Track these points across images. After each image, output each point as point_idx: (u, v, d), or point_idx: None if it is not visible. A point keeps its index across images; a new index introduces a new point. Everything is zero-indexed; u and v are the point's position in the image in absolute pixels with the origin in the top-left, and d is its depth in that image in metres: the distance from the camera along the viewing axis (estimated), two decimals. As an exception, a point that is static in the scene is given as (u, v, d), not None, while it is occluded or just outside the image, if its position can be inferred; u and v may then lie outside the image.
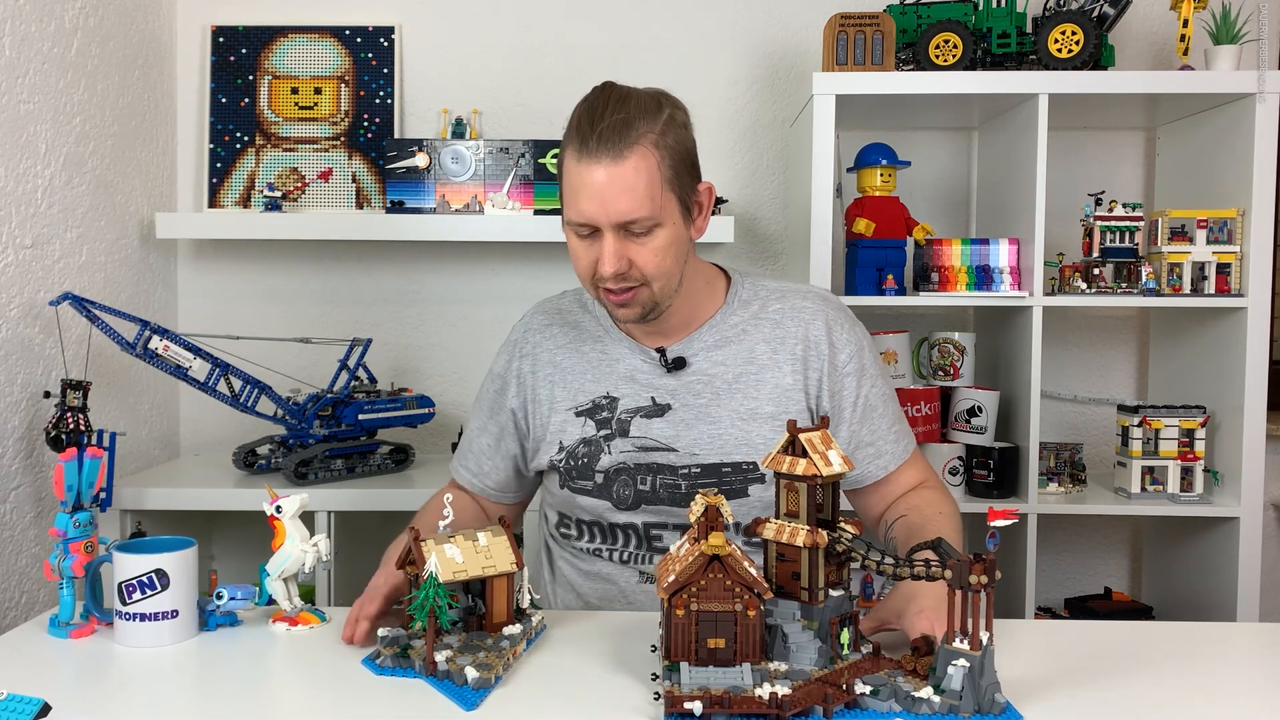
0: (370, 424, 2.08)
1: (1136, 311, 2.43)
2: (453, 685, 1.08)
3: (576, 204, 1.30)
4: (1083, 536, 2.46)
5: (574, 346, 1.49)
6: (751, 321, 1.46)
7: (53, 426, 1.75)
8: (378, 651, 1.16)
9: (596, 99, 1.33)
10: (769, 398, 1.42)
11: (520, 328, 1.55)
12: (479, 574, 1.17)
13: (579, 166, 1.29)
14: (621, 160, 1.27)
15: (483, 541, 1.20)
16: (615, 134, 1.28)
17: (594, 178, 1.28)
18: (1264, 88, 1.96)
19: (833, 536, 1.09)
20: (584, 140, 1.29)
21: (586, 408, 1.46)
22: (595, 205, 1.29)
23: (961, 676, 1.00)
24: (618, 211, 1.28)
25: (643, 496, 1.42)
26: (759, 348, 1.44)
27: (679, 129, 1.34)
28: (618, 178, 1.27)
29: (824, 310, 1.46)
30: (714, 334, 1.45)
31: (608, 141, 1.27)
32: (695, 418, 1.42)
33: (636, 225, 1.29)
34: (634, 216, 1.28)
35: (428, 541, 1.16)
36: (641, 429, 1.43)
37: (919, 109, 2.19)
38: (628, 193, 1.28)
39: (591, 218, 1.29)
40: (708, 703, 0.98)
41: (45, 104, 1.87)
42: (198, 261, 2.41)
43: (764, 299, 1.48)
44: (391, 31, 2.37)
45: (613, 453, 1.43)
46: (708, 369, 1.43)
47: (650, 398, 1.44)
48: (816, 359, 1.43)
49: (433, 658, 1.10)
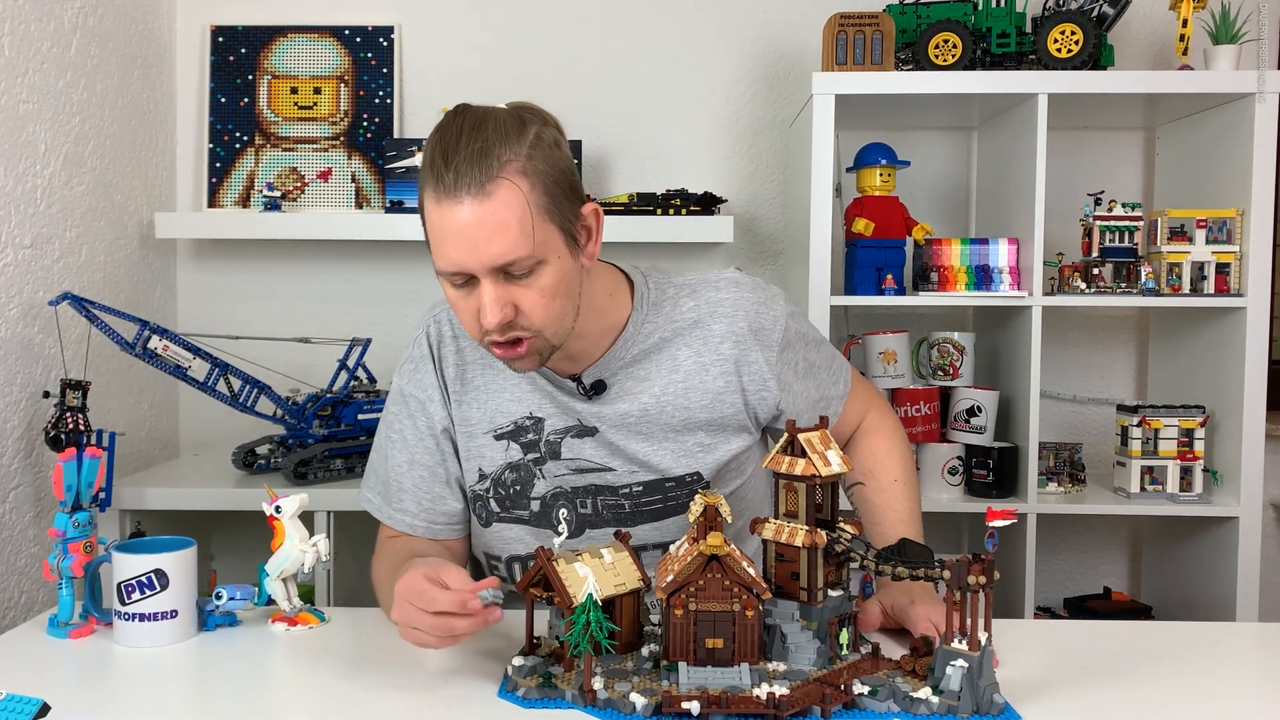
0: (370, 424, 2.08)
1: (1136, 311, 2.43)
2: (618, 714, 1.01)
3: (444, 251, 1.14)
4: (1082, 536, 2.46)
5: (485, 363, 1.35)
6: (668, 327, 1.33)
7: (52, 426, 1.75)
8: (514, 683, 1.07)
9: (449, 126, 1.15)
10: (701, 404, 1.32)
11: (424, 339, 1.38)
12: (612, 593, 1.10)
13: (439, 209, 1.12)
14: (487, 197, 1.10)
15: (608, 559, 1.12)
16: (474, 166, 1.10)
17: (458, 220, 1.11)
18: (1263, 87, 1.96)
19: (831, 537, 1.09)
20: (439, 177, 1.12)
21: (508, 430, 1.33)
22: (464, 251, 1.12)
23: (960, 677, 1.00)
24: (491, 255, 1.11)
25: (586, 521, 1.33)
26: (681, 354, 1.32)
27: (548, 149, 1.16)
28: (486, 216, 1.10)
29: (741, 298, 1.34)
30: (629, 349, 1.31)
31: (467, 176, 1.10)
32: (626, 437, 1.32)
33: (515, 267, 1.13)
34: (511, 258, 1.12)
35: (559, 561, 1.09)
36: (574, 450, 1.32)
37: (918, 109, 2.19)
38: (499, 233, 1.11)
39: (462, 265, 1.13)
40: (705, 703, 0.97)
41: (44, 104, 1.87)
42: (197, 261, 2.41)
43: (674, 298, 1.34)
44: (391, 31, 2.37)
45: (546, 477, 1.32)
46: (631, 388, 1.31)
47: (576, 419, 1.32)
48: (750, 354, 1.33)
49: (591, 686, 1.03)
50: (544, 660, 1.10)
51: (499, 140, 1.12)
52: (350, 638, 1.27)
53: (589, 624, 1.02)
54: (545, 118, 1.21)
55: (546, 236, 1.14)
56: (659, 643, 1.11)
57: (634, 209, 2.18)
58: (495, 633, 1.24)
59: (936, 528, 2.38)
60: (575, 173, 1.21)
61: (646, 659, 1.10)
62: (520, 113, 1.18)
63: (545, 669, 1.08)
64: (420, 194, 1.16)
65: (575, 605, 1.04)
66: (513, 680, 1.08)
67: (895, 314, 2.38)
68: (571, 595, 1.06)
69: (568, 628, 1.04)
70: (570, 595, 1.06)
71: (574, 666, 1.08)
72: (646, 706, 1.00)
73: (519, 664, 1.09)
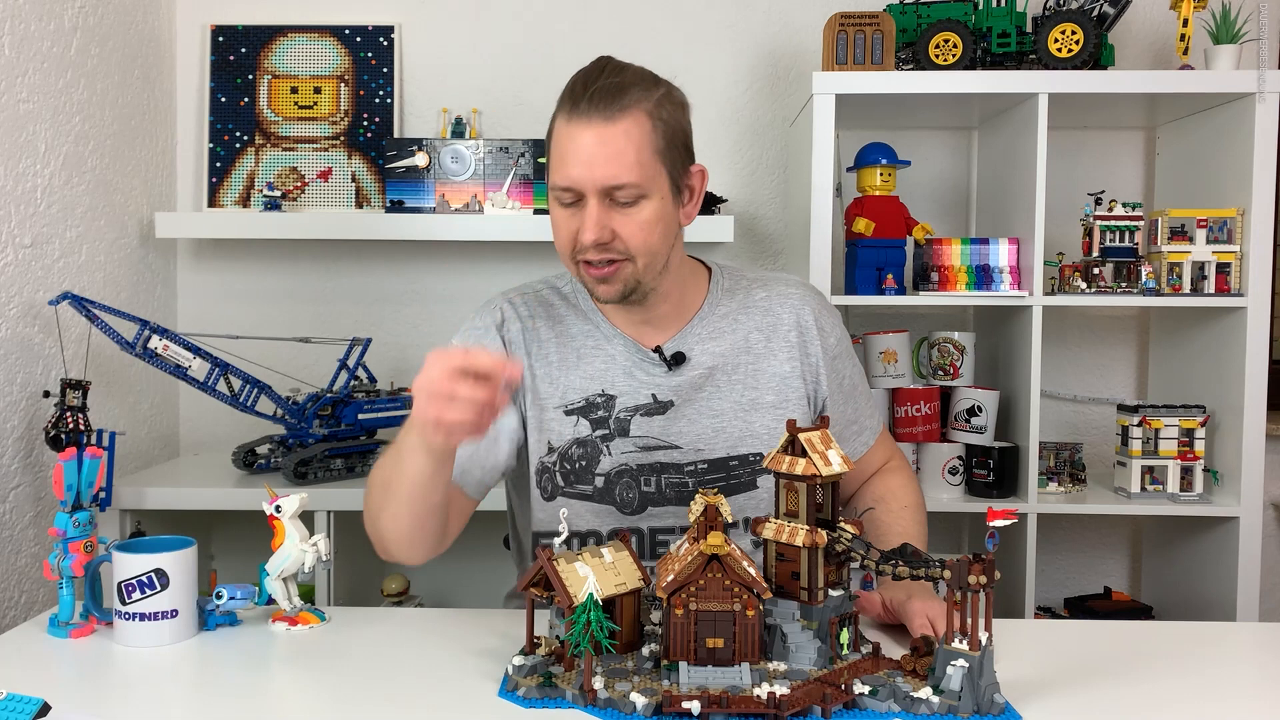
0: (370, 424, 2.08)
1: (1136, 311, 2.43)
2: (619, 714, 1.01)
3: (562, 167, 1.24)
4: (1082, 536, 2.46)
5: (560, 341, 1.39)
6: (740, 310, 1.42)
7: (52, 426, 1.75)
8: (515, 682, 1.07)
9: (593, 66, 1.27)
10: (769, 387, 1.39)
11: (492, 315, 1.40)
12: (613, 592, 1.10)
13: (567, 128, 1.23)
14: (612, 123, 1.21)
15: (608, 558, 1.13)
16: (608, 96, 1.21)
17: (582, 139, 1.22)
18: (1264, 87, 1.96)
19: (832, 536, 1.09)
20: (575, 101, 1.23)
21: (579, 406, 1.37)
22: (580, 168, 1.22)
23: (960, 677, 1.00)
24: (604, 175, 1.21)
25: (648, 498, 1.37)
26: (753, 336, 1.41)
27: (675, 106, 1.28)
28: (607, 140, 1.21)
29: (808, 296, 1.45)
30: (705, 326, 1.40)
31: (599, 103, 1.21)
32: (698, 413, 1.38)
33: (622, 193, 1.23)
34: (620, 182, 1.22)
35: (560, 560, 1.09)
36: (642, 428, 1.37)
37: (919, 109, 2.19)
38: (616, 157, 1.21)
39: (576, 181, 1.23)
40: (706, 702, 0.97)
41: (44, 103, 1.87)
42: (197, 261, 2.41)
43: (746, 288, 1.44)
44: (391, 31, 2.37)
45: (613, 454, 1.37)
46: (707, 361, 1.39)
47: (651, 395, 1.38)
48: (812, 344, 1.41)
49: (591, 685, 1.03)
50: (544, 660, 1.10)
51: (636, 83, 1.25)
52: (350, 638, 1.27)
53: (589, 623, 1.02)
54: (676, 87, 1.32)
55: (656, 174, 1.25)
56: (659, 642, 1.11)
57: (634, 209, 2.18)
58: (495, 632, 1.24)
59: (936, 528, 2.38)
60: (691, 137, 1.32)
61: (647, 659, 1.10)
62: (657, 75, 1.30)
63: (545, 668, 1.08)
64: (552, 119, 1.27)
65: (576, 605, 1.04)
66: (513, 680, 1.08)
67: (895, 314, 2.38)
68: (572, 595, 1.06)
69: (568, 627, 1.04)
70: (571, 595, 1.06)
71: (574, 666, 1.08)
72: (647, 706, 1.00)
73: (519, 663, 1.09)
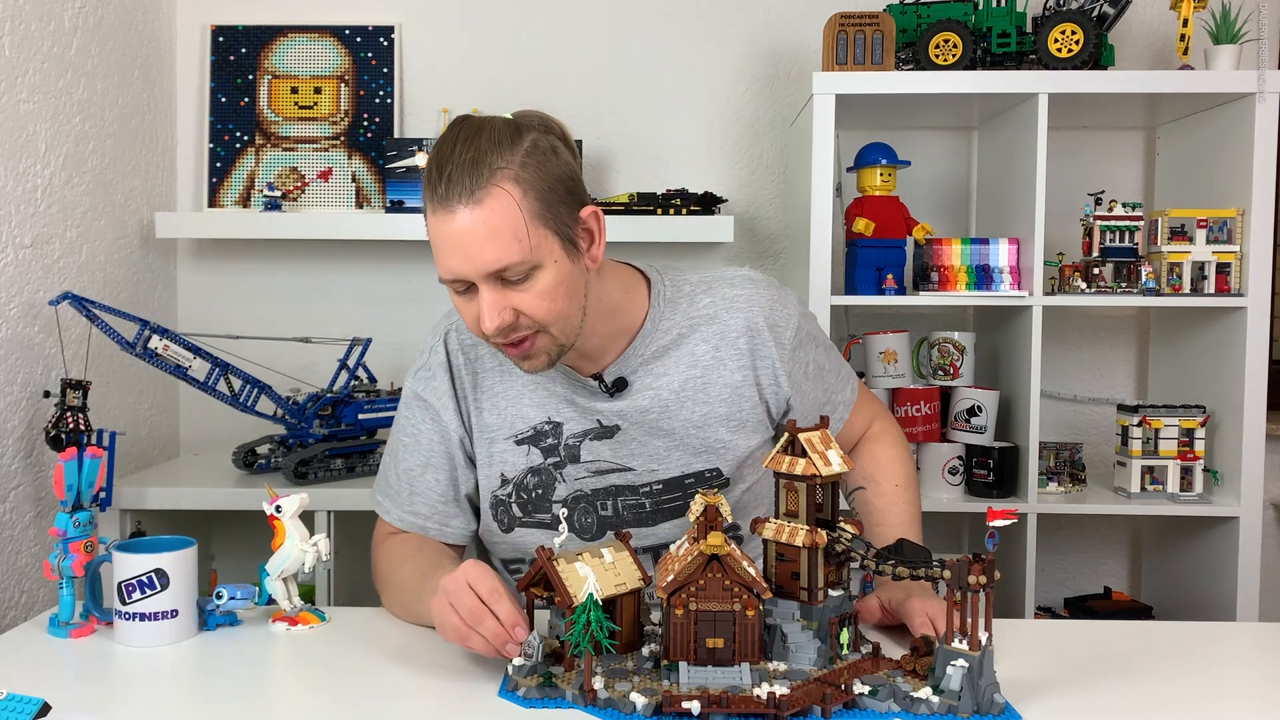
0: (370, 423, 2.08)
1: (1136, 311, 2.43)
2: (618, 714, 1.01)
3: (442, 260, 1.17)
4: (1082, 536, 2.46)
5: (502, 370, 1.36)
6: (685, 323, 1.35)
7: (52, 426, 1.75)
8: (515, 682, 1.07)
9: (446, 138, 1.19)
10: (720, 399, 1.34)
11: (440, 348, 1.39)
12: (613, 592, 1.10)
13: (435, 219, 1.16)
14: (478, 205, 1.13)
15: (608, 558, 1.13)
16: (466, 175, 1.14)
17: (452, 228, 1.15)
18: (1264, 87, 1.96)
19: (832, 536, 1.10)
20: (434, 188, 1.16)
21: (528, 435, 1.34)
22: (459, 259, 1.15)
23: (960, 677, 1.00)
24: (484, 262, 1.14)
25: (606, 522, 1.34)
26: (699, 349, 1.34)
27: (544, 155, 1.18)
28: (477, 224, 1.14)
29: (756, 296, 1.36)
30: (648, 346, 1.33)
31: (458, 185, 1.14)
32: (647, 434, 1.33)
33: (510, 273, 1.16)
34: (504, 264, 1.15)
35: (560, 560, 1.09)
36: (593, 452, 1.34)
37: (919, 109, 2.19)
38: (491, 239, 1.14)
39: (458, 272, 1.16)
40: (705, 702, 0.98)
41: (45, 103, 1.87)
42: (197, 261, 2.41)
43: (690, 294, 1.36)
44: (391, 31, 2.37)
45: (568, 480, 1.34)
46: (651, 383, 1.33)
47: (596, 420, 1.34)
48: (764, 348, 1.34)
49: (591, 685, 1.03)
50: (544, 660, 1.10)
51: (491, 149, 1.15)
52: (350, 638, 1.27)
53: (589, 624, 1.02)
54: (548, 124, 1.23)
55: (541, 242, 1.16)
56: (659, 642, 1.11)
57: (634, 209, 2.18)
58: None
59: (937, 528, 2.38)
60: (576, 177, 1.22)
61: (647, 659, 1.11)
62: (519, 121, 1.21)
63: (546, 669, 1.08)
64: (424, 207, 1.19)
65: (576, 605, 1.04)
66: (513, 680, 1.08)
67: (895, 314, 2.38)
68: (572, 595, 1.06)
69: (568, 627, 1.04)
70: (571, 595, 1.06)
71: (574, 666, 1.08)
72: (647, 706, 1.00)
73: (519, 664, 1.09)
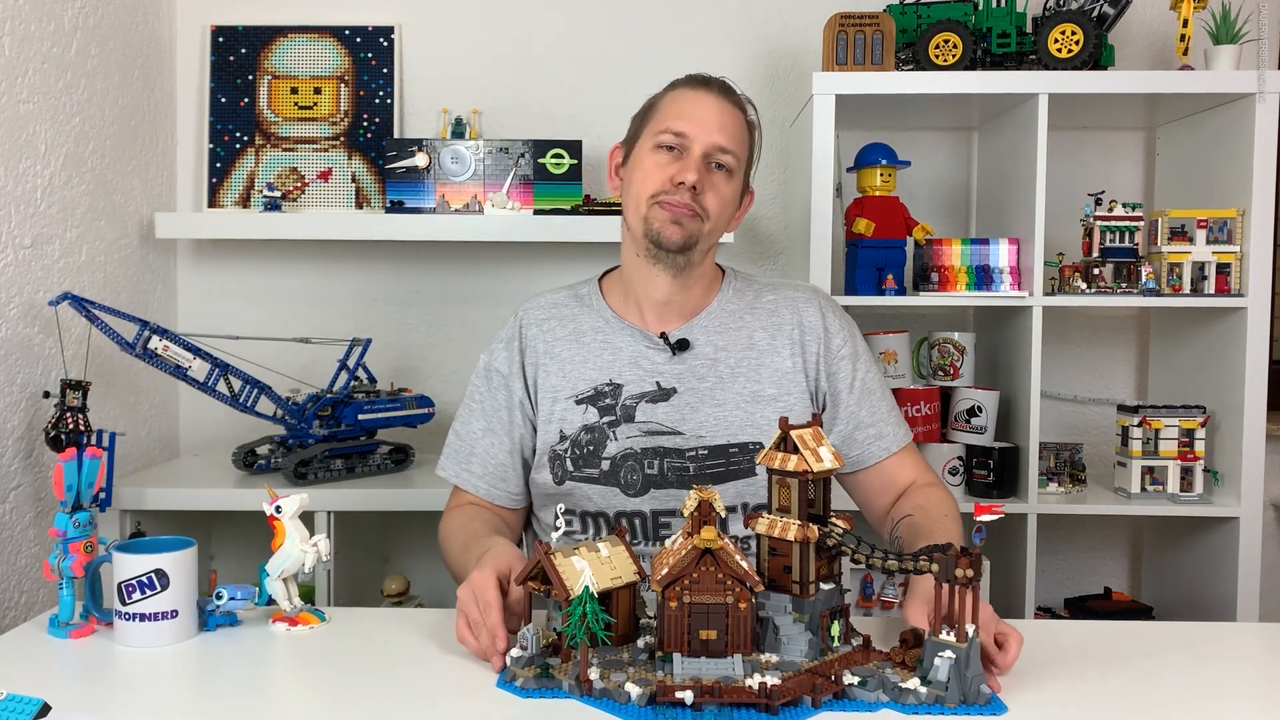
0: (370, 424, 2.08)
1: (1136, 311, 2.43)
2: (613, 704, 1.03)
3: (679, 118, 1.39)
4: (1083, 536, 2.46)
5: (573, 338, 1.50)
6: (748, 310, 1.51)
7: (52, 426, 1.75)
8: (513, 673, 1.09)
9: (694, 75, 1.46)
10: (770, 381, 1.46)
11: (514, 322, 1.55)
12: (609, 585, 1.12)
13: (692, 93, 1.41)
14: (734, 106, 1.42)
15: (604, 552, 1.15)
16: (732, 92, 1.44)
17: (707, 103, 1.40)
18: (1264, 87, 1.96)
19: (823, 531, 1.11)
20: (701, 81, 1.42)
21: (588, 395, 1.47)
22: (699, 126, 1.38)
23: (947, 668, 1.02)
24: (720, 138, 1.38)
25: (651, 481, 1.44)
26: (757, 334, 1.48)
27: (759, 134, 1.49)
28: (727, 113, 1.41)
29: (816, 298, 1.53)
30: (713, 320, 1.49)
31: (725, 89, 1.42)
32: (700, 401, 1.45)
33: (725, 158, 1.40)
34: (729, 147, 1.39)
35: (557, 555, 1.11)
36: (647, 414, 1.45)
37: (919, 109, 2.19)
38: (732, 127, 1.40)
39: (691, 132, 1.38)
40: (699, 692, 0.99)
41: (45, 103, 1.87)
42: (197, 261, 2.41)
43: (757, 290, 1.54)
44: (391, 31, 2.37)
45: (619, 439, 1.45)
46: (710, 353, 1.47)
47: (655, 382, 1.46)
48: (813, 342, 1.49)
49: (587, 676, 1.05)
50: (542, 651, 1.12)
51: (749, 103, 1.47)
52: (350, 638, 1.27)
53: (585, 616, 1.04)
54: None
55: (742, 164, 1.45)
56: (654, 634, 1.13)
57: (634, 209, 2.18)
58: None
59: (937, 528, 2.37)
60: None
61: (642, 650, 1.12)
62: None
63: (543, 660, 1.11)
64: (663, 91, 1.46)
65: (572, 598, 1.06)
66: (511, 670, 1.10)
67: (896, 314, 2.38)
68: (569, 588, 1.08)
69: (565, 620, 1.07)
70: (567, 588, 1.08)
71: (571, 657, 1.10)
72: (641, 696, 1.01)
73: (517, 655, 1.11)
